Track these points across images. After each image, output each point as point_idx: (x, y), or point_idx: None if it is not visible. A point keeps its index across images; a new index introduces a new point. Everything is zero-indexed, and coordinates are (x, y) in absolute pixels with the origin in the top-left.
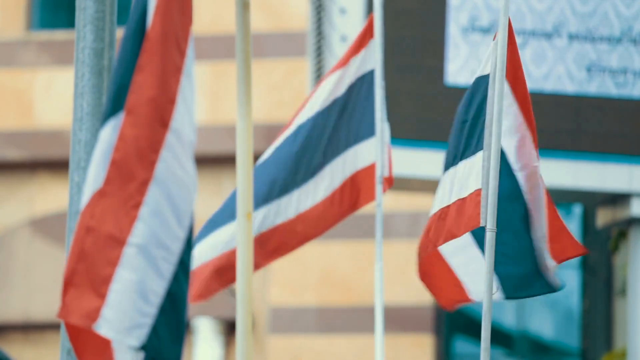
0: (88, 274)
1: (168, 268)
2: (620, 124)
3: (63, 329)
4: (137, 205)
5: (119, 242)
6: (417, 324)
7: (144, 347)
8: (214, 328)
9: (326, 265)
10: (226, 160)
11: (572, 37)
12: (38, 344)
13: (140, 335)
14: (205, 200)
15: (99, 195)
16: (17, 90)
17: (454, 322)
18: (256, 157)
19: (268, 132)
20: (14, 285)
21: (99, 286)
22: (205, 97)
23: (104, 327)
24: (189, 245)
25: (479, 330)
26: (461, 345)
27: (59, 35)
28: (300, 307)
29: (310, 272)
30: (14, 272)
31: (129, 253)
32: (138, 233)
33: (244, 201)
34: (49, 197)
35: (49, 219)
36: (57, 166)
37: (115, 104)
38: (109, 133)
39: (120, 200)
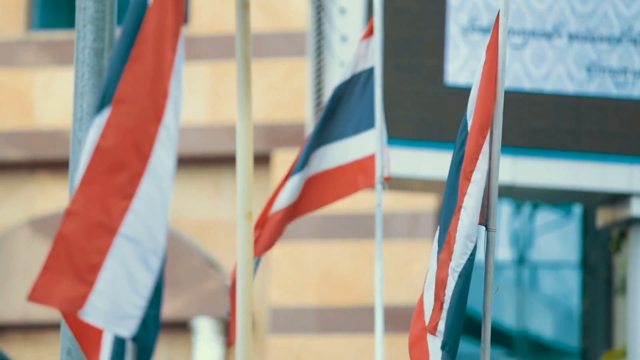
0: (70, 259)
1: (155, 261)
2: (620, 124)
3: (63, 329)
4: (129, 196)
5: (109, 230)
6: None
7: (135, 338)
8: (214, 328)
9: (326, 265)
10: (226, 160)
11: (572, 37)
12: (38, 344)
13: (130, 326)
14: (205, 200)
15: (82, 181)
16: (17, 91)
17: None
18: (256, 157)
19: (268, 132)
20: (14, 285)
21: (85, 273)
22: (205, 97)
23: (92, 315)
24: (165, 239)
25: (479, 330)
26: (461, 345)
27: (59, 35)
28: (300, 307)
29: (310, 272)
30: (14, 272)
31: (120, 243)
32: (129, 224)
33: (244, 201)
34: (48, 197)
35: (48, 219)
36: (57, 166)
37: (104, 100)
38: (96, 127)
39: (108, 189)
